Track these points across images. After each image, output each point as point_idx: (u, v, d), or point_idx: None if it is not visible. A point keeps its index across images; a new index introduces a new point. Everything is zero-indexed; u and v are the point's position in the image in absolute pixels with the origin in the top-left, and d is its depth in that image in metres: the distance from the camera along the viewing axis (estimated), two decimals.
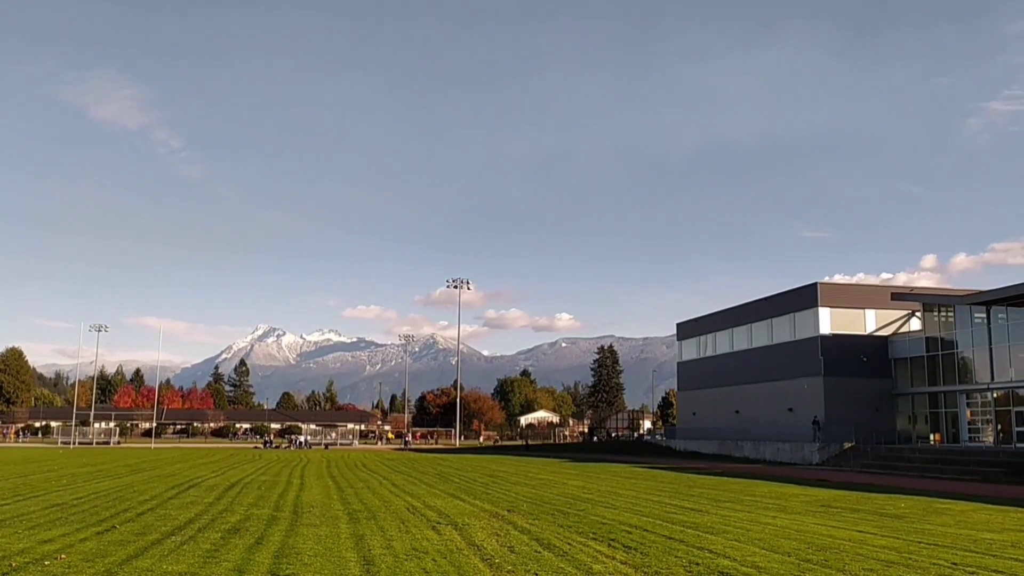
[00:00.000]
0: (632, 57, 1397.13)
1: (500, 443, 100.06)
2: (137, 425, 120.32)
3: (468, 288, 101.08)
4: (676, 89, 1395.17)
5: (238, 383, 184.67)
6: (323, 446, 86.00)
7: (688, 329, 72.61)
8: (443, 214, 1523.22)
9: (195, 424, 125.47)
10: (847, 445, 48.48)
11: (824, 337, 52.11)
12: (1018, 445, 42.26)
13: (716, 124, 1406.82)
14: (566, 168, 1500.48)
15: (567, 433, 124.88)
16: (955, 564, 11.79)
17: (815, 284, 53.78)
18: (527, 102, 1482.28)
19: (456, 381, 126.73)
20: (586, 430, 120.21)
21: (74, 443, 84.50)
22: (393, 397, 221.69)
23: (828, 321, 52.45)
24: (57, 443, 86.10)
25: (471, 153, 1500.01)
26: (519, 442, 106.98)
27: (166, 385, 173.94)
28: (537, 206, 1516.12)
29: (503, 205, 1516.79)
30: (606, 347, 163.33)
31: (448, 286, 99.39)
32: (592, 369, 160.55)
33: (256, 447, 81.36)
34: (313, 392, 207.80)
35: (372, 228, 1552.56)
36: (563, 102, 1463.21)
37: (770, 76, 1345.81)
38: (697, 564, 11.42)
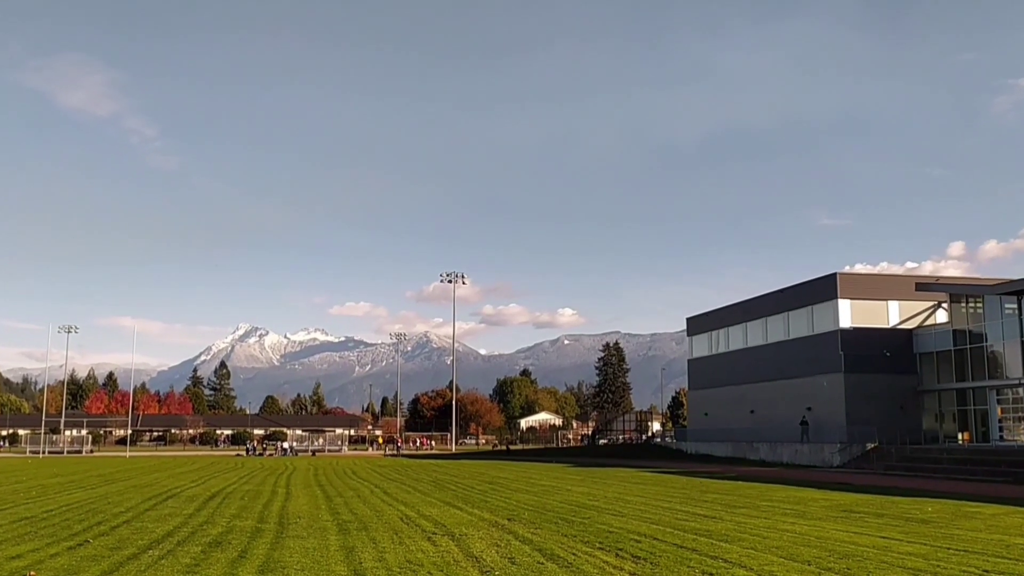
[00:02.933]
0: (640, 33, 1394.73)
1: (498, 447, 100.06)
2: (111, 432, 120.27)
3: (464, 283, 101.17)
4: (687, 67, 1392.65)
5: (218, 387, 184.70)
6: (310, 453, 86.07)
7: (699, 324, 72.65)
8: (437, 203, 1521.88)
9: (173, 431, 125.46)
10: (870, 446, 48.57)
11: (844, 331, 52.17)
12: None
13: (730, 104, 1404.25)
14: (569, 153, 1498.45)
15: (570, 436, 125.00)
16: (986, 571, 11.81)
17: (834, 274, 53.79)
18: (526, 82, 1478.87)
19: (451, 382, 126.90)
20: (591, 433, 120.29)
21: (43, 452, 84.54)
22: (384, 400, 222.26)
23: (848, 314, 52.49)
24: (25, 452, 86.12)
25: (467, 137, 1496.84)
26: (519, 446, 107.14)
27: (141, 389, 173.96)
28: (538, 194, 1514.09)
29: (501, 193, 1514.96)
30: (611, 344, 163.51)
31: (442, 281, 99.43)
32: (597, 368, 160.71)
33: (238, 455, 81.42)
34: (299, 395, 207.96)
35: (361, 219, 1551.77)
36: (565, 81, 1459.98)
37: (787, 53, 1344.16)
38: (711, 574, 11.44)
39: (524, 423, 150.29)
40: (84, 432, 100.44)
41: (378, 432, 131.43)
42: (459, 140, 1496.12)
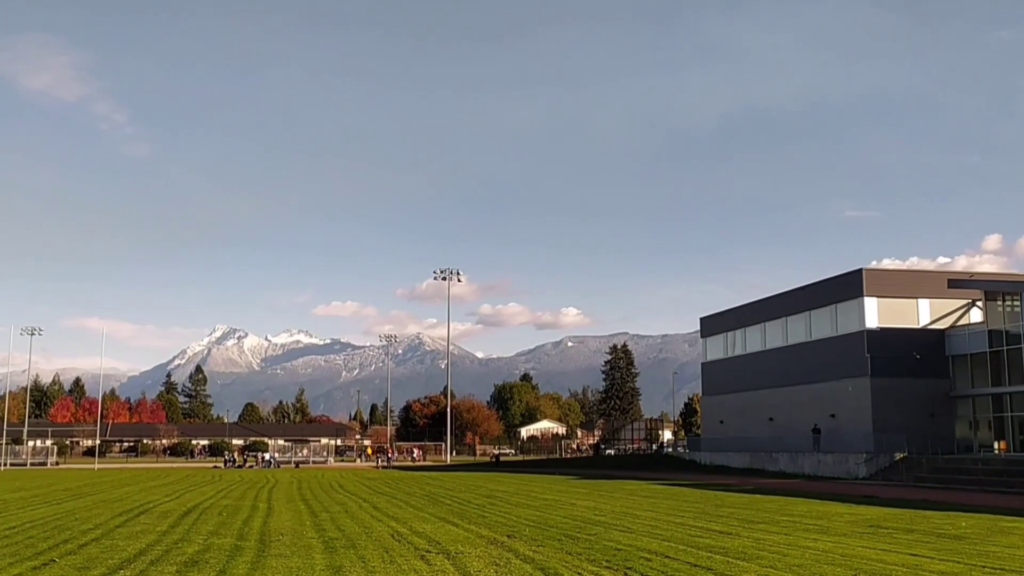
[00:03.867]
0: (651, 10, 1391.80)
1: (498, 458, 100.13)
2: (78, 443, 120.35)
3: (459, 280, 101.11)
4: (702, 47, 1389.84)
5: (194, 393, 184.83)
6: (293, 464, 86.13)
7: (714, 324, 72.69)
8: (430, 194, 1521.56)
9: (145, 441, 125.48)
10: (898, 456, 48.63)
11: (871, 331, 52.20)
12: None
13: (748, 88, 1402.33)
14: (574, 140, 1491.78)
15: (575, 446, 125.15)
16: None
17: (860, 270, 53.83)
18: (527, 64, 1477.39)
19: (446, 387, 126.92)
20: (597, 442, 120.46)
21: (5, 464, 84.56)
22: (373, 407, 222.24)
23: (875, 313, 52.52)
24: None
25: (463, 123, 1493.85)
26: (513, 457, 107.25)
27: (111, 396, 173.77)
28: (539, 184, 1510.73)
29: (500, 183, 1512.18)
30: (619, 346, 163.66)
31: (436, 278, 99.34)
32: (603, 372, 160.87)
33: (216, 466, 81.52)
34: (281, 402, 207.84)
35: (348, 212, 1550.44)
36: (569, 64, 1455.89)
37: (809, 31, 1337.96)
38: None
39: (525, 432, 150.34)
40: (49, 443, 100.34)
41: (367, 442, 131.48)
42: (455, 127, 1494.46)
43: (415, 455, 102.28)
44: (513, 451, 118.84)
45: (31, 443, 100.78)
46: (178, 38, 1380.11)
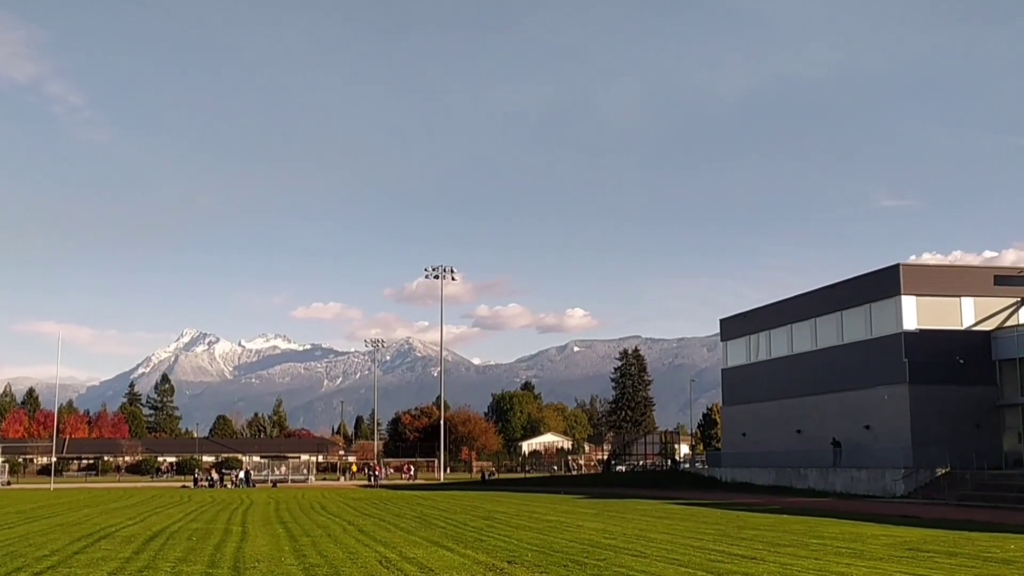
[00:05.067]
0: None
1: (484, 475, 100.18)
2: (31, 460, 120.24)
3: (453, 279, 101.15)
4: (723, 17, 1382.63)
5: (160, 404, 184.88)
6: (270, 483, 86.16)
7: (735, 327, 72.72)
8: (421, 186, 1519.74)
9: (106, 458, 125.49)
10: (940, 471, 48.65)
11: (909, 333, 52.22)
12: None
13: (773, 61, 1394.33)
14: (580, 124, 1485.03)
15: (582, 462, 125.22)
16: None
17: (897, 266, 53.85)
18: (528, 39, 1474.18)
19: (439, 397, 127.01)
20: (606, 457, 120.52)
21: None
22: (359, 419, 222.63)
23: (914, 313, 52.53)
24: None
25: (457, 108, 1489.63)
26: (519, 474, 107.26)
27: (68, 408, 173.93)
28: (542, 173, 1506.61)
29: (498, 173, 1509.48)
30: (630, 351, 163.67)
31: (428, 276, 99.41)
32: (613, 380, 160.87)
33: (184, 486, 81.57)
34: (256, 415, 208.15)
35: (329, 204, 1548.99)
36: (574, 38, 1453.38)
37: None
38: None
39: (526, 446, 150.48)
40: None
41: (351, 458, 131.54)
42: (449, 112, 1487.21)
43: (411, 472, 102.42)
44: (497, 469, 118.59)
45: None
46: (144, 14, 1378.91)
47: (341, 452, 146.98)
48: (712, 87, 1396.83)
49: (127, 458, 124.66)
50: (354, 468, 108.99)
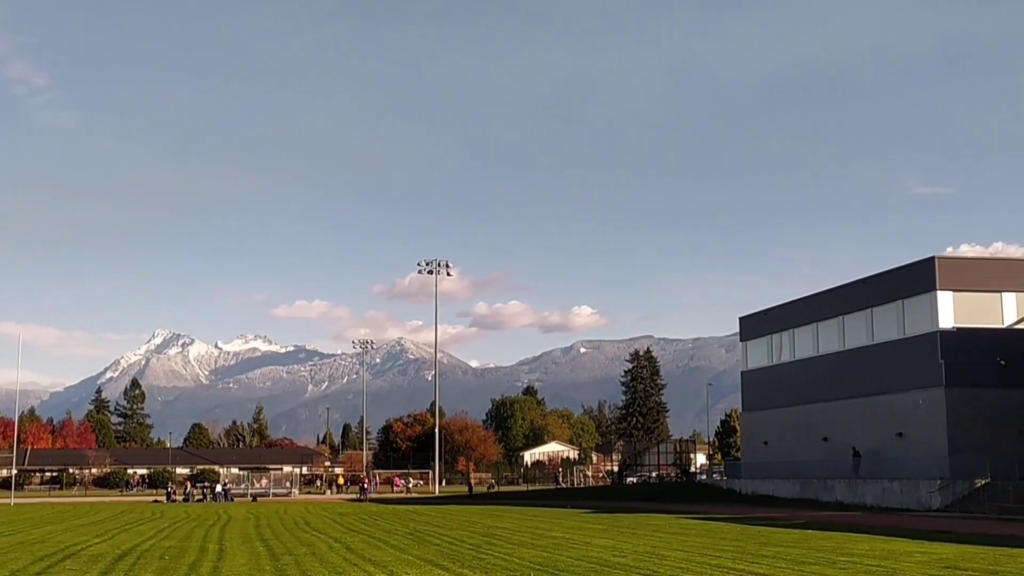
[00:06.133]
0: None
1: (471, 489, 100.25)
2: None
3: (449, 274, 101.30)
4: None
5: (130, 412, 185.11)
6: (249, 497, 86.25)
7: (756, 325, 72.72)
8: (414, 173, 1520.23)
9: (71, 470, 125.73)
10: (979, 483, 48.67)
11: (945, 332, 52.19)
12: None
13: (798, 39, 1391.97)
14: (590, 105, 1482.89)
15: (589, 473, 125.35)
16: None
17: (932, 259, 53.80)
18: (532, 14, 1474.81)
19: (434, 403, 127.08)
20: (616, 468, 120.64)
21: None
22: (346, 427, 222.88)
23: (951, 310, 52.48)
24: None
25: (455, 85, 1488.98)
26: (521, 487, 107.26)
27: (30, 416, 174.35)
28: (546, 160, 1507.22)
29: (499, 158, 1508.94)
30: (641, 352, 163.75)
31: (421, 271, 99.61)
32: (622, 383, 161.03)
33: (156, 500, 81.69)
34: (235, 423, 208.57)
35: (313, 192, 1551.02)
36: (586, 8, 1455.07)
37: None
38: None
39: (528, 456, 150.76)
40: None
41: (338, 470, 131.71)
42: (446, 89, 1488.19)
43: (409, 484, 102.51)
44: (497, 481, 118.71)
45: None
46: None
47: (327, 463, 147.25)
48: (732, 67, 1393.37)
49: (94, 470, 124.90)
50: (341, 481, 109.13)
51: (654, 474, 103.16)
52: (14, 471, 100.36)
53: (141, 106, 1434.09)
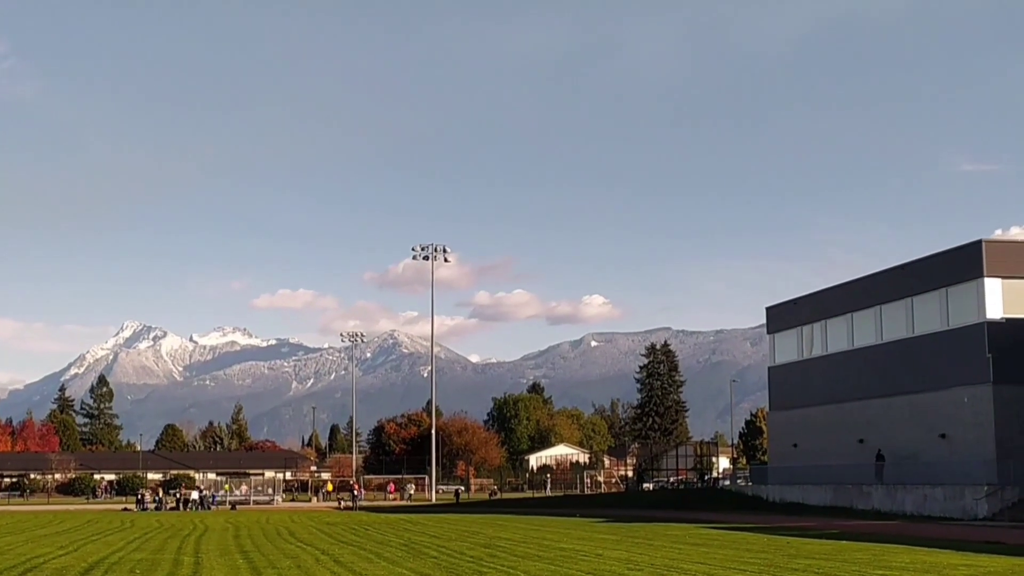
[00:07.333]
0: None
1: (458, 495, 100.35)
2: None
3: (446, 260, 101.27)
4: None
5: (96, 412, 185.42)
6: (228, 505, 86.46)
7: (784, 316, 72.65)
8: (408, 148, 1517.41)
9: (32, 475, 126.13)
10: None
11: (993, 324, 52.08)
12: None
13: None
14: (603, 71, 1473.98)
15: (601, 478, 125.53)
16: None
17: (979, 242, 53.69)
18: None
19: (430, 402, 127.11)
20: (631, 474, 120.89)
21: None
22: (334, 429, 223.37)
23: (999, 299, 52.36)
24: None
25: (452, 55, 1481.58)
26: (526, 493, 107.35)
27: None
28: (554, 133, 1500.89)
29: (501, 132, 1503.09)
30: (659, 346, 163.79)
31: (416, 257, 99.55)
32: (638, 380, 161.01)
33: (126, 508, 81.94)
34: (211, 423, 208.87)
35: (296, 170, 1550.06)
36: None
37: None
38: None
39: (534, 460, 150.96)
40: None
41: (326, 475, 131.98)
42: (442, 59, 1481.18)
43: (411, 491, 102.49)
44: (499, 487, 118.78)
45: None
46: None
47: (313, 468, 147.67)
48: (761, 28, 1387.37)
49: (57, 476, 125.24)
50: (329, 487, 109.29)
51: (672, 480, 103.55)
52: None
53: (106, 73, 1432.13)
